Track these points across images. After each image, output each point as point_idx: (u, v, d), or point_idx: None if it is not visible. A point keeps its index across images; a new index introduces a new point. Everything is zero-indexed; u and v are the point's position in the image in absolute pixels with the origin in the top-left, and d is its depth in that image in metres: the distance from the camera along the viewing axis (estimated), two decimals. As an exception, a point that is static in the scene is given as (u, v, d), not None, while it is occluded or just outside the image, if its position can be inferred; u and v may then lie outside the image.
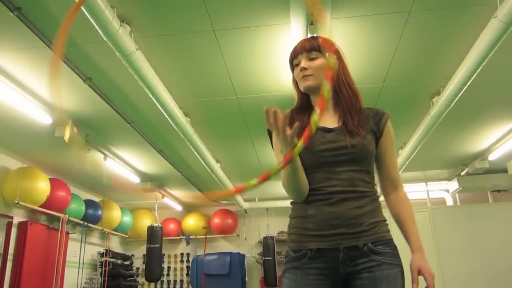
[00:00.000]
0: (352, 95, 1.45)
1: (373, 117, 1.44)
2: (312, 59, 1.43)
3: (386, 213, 1.44)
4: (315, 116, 1.10)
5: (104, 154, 5.57)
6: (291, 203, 1.45)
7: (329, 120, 1.43)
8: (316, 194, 1.34)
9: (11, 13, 2.82)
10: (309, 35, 2.94)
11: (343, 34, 3.32)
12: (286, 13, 2.93)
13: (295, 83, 1.51)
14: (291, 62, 1.50)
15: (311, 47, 1.44)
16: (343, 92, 1.45)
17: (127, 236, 8.57)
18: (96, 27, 2.72)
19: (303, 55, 1.44)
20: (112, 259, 7.59)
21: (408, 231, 1.40)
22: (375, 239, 1.32)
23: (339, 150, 1.35)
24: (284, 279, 1.35)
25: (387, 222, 1.41)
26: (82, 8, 2.55)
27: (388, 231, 1.38)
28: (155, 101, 3.74)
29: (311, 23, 2.90)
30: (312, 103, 1.49)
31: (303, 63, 1.43)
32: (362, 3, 3.01)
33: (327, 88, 1.16)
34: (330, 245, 1.30)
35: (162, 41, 3.36)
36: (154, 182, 7.01)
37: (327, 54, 1.26)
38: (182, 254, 8.86)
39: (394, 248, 1.36)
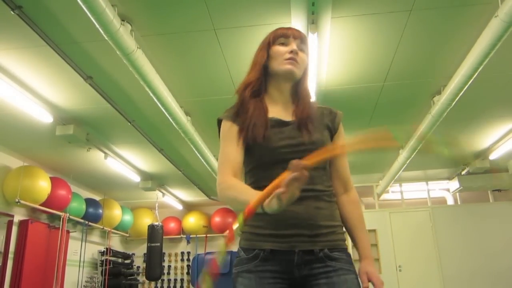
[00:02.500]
0: (308, 88, 1.42)
1: (328, 115, 1.40)
2: (302, 50, 1.37)
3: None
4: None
5: (105, 153, 5.58)
6: None
7: (283, 112, 1.36)
8: None
9: (12, 12, 2.83)
10: (310, 34, 2.94)
11: (344, 33, 3.32)
12: (287, 12, 2.93)
13: (262, 58, 1.38)
14: (274, 39, 1.38)
15: (304, 40, 1.39)
16: (304, 84, 1.40)
17: (127, 235, 8.58)
18: (97, 25, 2.72)
19: (295, 40, 1.36)
20: (112, 258, 7.60)
21: (358, 236, 1.35)
22: (332, 246, 1.25)
23: (298, 146, 1.28)
24: (237, 284, 1.24)
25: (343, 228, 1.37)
26: (83, 6, 2.55)
27: (344, 239, 1.32)
28: (155, 100, 3.74)
29: (311, 22, 2.90)
30: (271, 88, 1.39)
31: (295, 47, 1.35)
32: (363, 2, 3.00)
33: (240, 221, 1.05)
34: (284, 247, 1.23)
35: (163, 40, 3.36)
36: (155, 181, 7.02)
37: None
38: (182, 253, 8.86)
39: (349, 255, 1.30)
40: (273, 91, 1.39)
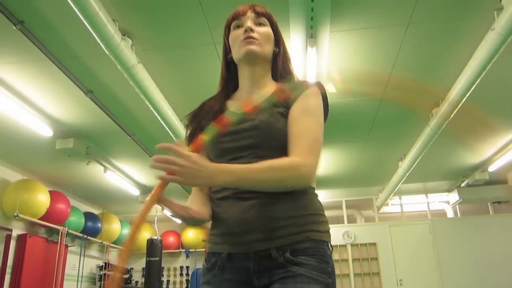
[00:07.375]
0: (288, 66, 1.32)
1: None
2: (260, 25, 1.21)
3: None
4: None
5: (104, 166, 5.57)
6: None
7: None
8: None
9: (14, 27, 2.86)
10: (309, 48, 2.97)
11: (343, 46, 3.35)
12: (286, 26, 2.96)
13: (227, 51, 1.26)
14: (228, 25, 1.23)
15: (261, 11, 1.22)
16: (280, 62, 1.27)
17: (126, 249, 8.51)
18: (98, 40, 2.75)
19: (249, 16, 1.19)
20: (111, 272, 7.53)
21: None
22: (293, 241, 1.03)
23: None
24: None
25: (322, 216, 1.11)
26: (84, 21, 2.58)
27: (319, 230, 1.07)
28: (156, 113, 3.75)
29: (310, 36, 2.93)
30: (241, 78, 1.26)
31: (250, 23, 1.18)
32: (361, 16, 3.04)
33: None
34: (240, 249, 1.08)
35: (164, 54, 3.39)
36: (154, 194, 6.99)
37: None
38: (181, 267, 8.79)
39: (323, 257, 1.04)
40: (242, 79, 1.27)
